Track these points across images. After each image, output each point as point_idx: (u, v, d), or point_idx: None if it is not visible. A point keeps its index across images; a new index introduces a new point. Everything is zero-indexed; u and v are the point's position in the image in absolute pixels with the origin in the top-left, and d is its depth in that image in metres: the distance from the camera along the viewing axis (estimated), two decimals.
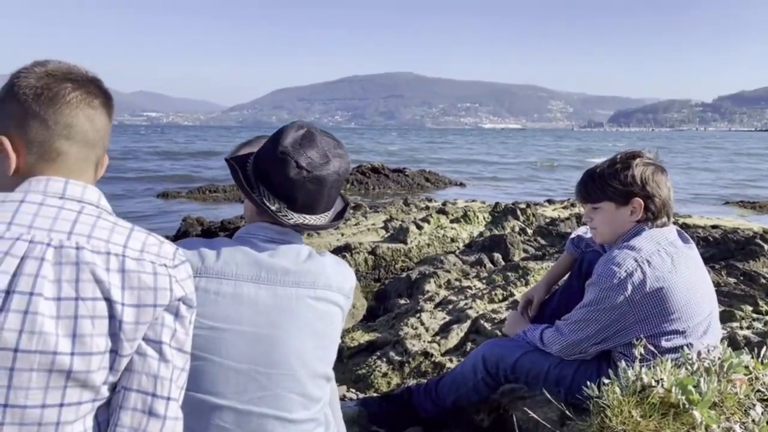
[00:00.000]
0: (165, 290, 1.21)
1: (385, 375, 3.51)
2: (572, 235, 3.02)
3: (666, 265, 2.21)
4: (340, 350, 3.96)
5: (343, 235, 6.74)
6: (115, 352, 1.15)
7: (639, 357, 1.98)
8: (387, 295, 4.79)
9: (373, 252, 6.01)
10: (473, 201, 11.26)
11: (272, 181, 1.55)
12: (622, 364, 2.01)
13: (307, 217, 1.60)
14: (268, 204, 1.56)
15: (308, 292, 1.55)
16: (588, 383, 1.94)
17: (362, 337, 4.03)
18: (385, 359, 3.61)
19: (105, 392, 1.16)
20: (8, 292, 1.06)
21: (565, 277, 2.98)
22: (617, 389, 1.81)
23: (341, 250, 6.08)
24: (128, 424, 1.16)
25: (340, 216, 1.73)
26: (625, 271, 2.18)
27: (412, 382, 3.46)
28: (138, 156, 33.47)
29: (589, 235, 2.83)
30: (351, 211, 8.56)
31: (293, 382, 1.51)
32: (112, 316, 1.14)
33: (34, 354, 1.06)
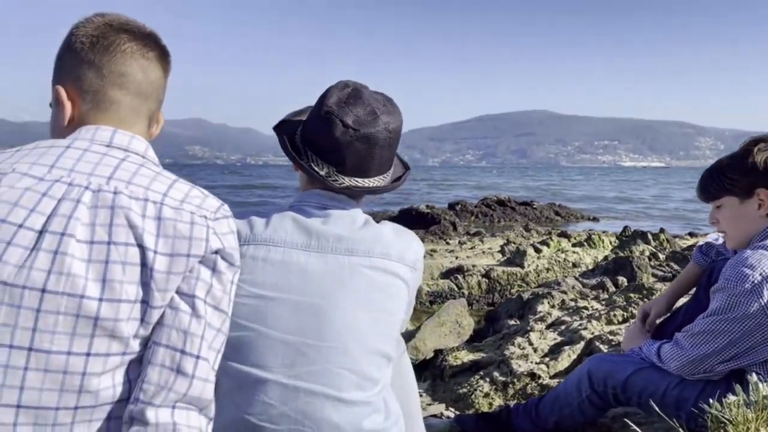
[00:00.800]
0: (201, 240, 1.13)
1: (486, 395, 3.25)
2: (700, 243, 2.65)
3: None
4: (442, 369, 3.75)
5: (457, 257, 6.53)
6: (146, 302, 1.08)
7: None
8: (497, 317, 4.51)
9: (487, 275, 5.75)
10: (604, 232, 10.60)
11: (319, 144, 1.46)
12: (754, 378, 1.66)
13: (359, 180, 1.48)
14: (316, 169, 1.46)
15: (363, 261, 1.41)
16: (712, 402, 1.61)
17: (466, 357, 3.80)
18: (488, 379, 3.36)
19: (136, 346, 1.09)
20: (41, 232, 1.03)
21: (692, 291, 2.60)
22: (743, 404, 1.48)
23: (453, 272, 5.88)
24: (155, 380, 1.08)
25: (398, 179, 1.58)
26: (761, 274, 1.83)
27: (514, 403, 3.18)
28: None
29: (720, 242, 2.46)
30: (467, 237, 8.34)
31: (345, 357, 1.36)
32: (144, 264, 1.08)
33: (61, 296, 1.02)
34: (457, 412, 3.18)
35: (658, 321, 2.56)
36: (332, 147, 1.44)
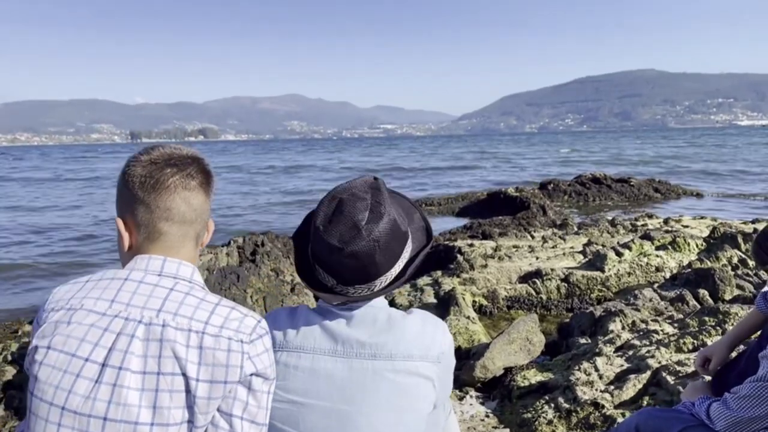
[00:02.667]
0: (236, 367, 1.31)
1: (550, 423, 3.32)
2: (765, 289, 2.58)
3: None
4: (510, 389, 3.84)
5: (537, 258, 6.49)
6: (191, 422, 1.27)
7: None
8: (570, 331, 4.51)
9: (566, 279, 5.70)
10: (702, 218, 10.05)
11: (320, 259, 1.53)
12: None
13: (361, 287, 1.52)
14: (324, 282, 1.55)
15: (385, 365, 1.49)
16: None
17: (534, 377, 3.87)
18: (552, 405, 3.42)
19: None
20: (103, 365, 1.25)
21: (755, 336, 2.55)
22: None
23: (531, 276, 5.88)
24: None
25: (402, 274, 1.58)
26: None
27: None
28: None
29: None
30: (553, 232, 8.21)
31: None
32: (188, 391, 1.26)
33: (119, 423, 1.23)
34: None
35: (718, 367, 2.54)
36: (328, 263, 1.51)
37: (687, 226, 8.69)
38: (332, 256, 1.48)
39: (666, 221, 9.43)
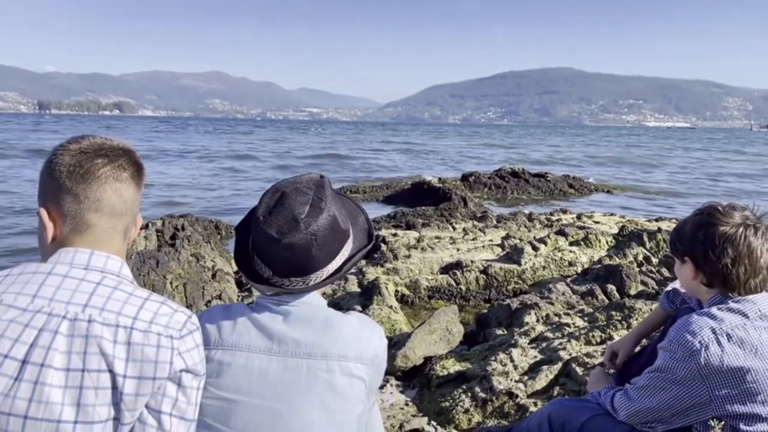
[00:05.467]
0: (165, 363, 1.29)
1: (467, 411, 3.45)
2: (668, 288, 2.78)
3: (752, 340, 1.95)
4: (429, 378, 3.96)
5: (458, 250, 6.67)
6: (117, 419, 1.25)
7: None
8: (488, 321, 4.68)
9: (485, 271, 5.90)
10: (612, 215, 10.62)
11: (258, 249, 1.57)
12: None
13: (298, 279, 1.56)
14: (261, 272, 1.57)
15: (320, 364, 1.52)
16: None
17: (453, 366, 3.99)
18: (469, 394, 3.55)
19: None
20: (23, 362, 1.20)
21: (658, 332, 2.75)
22: None
23: (452, 268, 6.04)
24: None
25: (339, 270, 1.62)
26: (700, 342, 1.94)
27: (492, 422, 3.38)
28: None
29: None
30: (473, 224, 8.46)
31: None
32: (115, 387, 1.24)
33: (41, 421, 1.19)
34: (438, 427, 3.40)
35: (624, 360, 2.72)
36: (266, 253, 1.54)
37: (598, 222, 9.17)
38: (270, 247, 1.51)
39: (579, 217, 9.91)
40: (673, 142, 69.60)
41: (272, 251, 1.52)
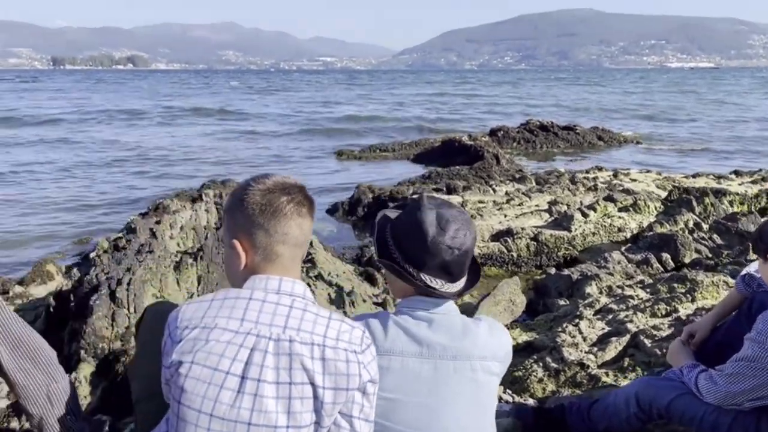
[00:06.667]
0: (355, 376, 1.54)
1: (540, 381, 3.68)
2: (743, 272, 2.95)
3: None
4: None
5: (505, 216, 6.86)
6: (317, 423, 1.51)
7: None
8: (547, 291, 4.90)
9: (535, 238, 6.10)
10: (648, 172, 10.68)
11: (432, 265, 1.80)
12: None
13: (454, 285, 1.85)
14: (433, 285, 1.81)
15: (464, 365, 1.78)
16: None
17: (520, 337, 4.22)
18: (541, 364, 3.78)
19: None
20: (243, 378, 1.45)
21: (733, 314, 2.94)
22: None
23: (503, 235, 6.24)
24: None
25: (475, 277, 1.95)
26: None
27: (566, 392, 3.62)
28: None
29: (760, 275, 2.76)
30: (515, 187, 8.61)
31: None
32: (316, 397, 1.49)
33: (262, 427, 1.45)
34: (515, 396, 3.65)
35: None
36: (444, 265, 1.78)
37: (635, 180, 9.28)
38: (451, 258, 1.78)
39: (615, 174, 10.01)
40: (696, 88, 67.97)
41: (453, 262, 1.79)
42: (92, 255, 4.86)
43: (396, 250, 1.85)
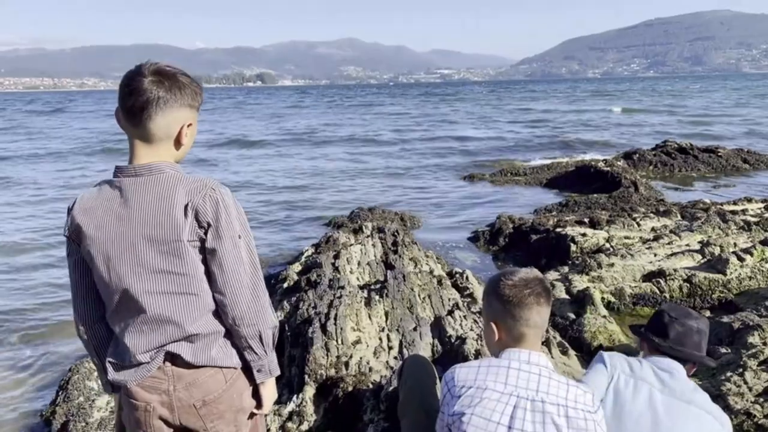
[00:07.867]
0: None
1: None
2: None
3: None
4: None
5: (656, 255, 7.05)
6: None
7: None
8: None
9: (688, 280, 6.27)
10: None
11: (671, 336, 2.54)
12: None
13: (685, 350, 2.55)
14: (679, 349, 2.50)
15: (692, 408, 2.34)
16: None
17: None
18: None
19: None
20: (509, 428, 2.02)
21: None
22: None
23: (654, 276, 6.45)
24: None
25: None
26: None
27: None
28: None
29: None
30: (661, 222, 8.69)
31: None
32: None
33: None
34: None
35: None
36: (679, 336, 2.50)
37: None
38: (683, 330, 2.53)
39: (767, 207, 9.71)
40: None
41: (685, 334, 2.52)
42: (290, 283, 5.70)
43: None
